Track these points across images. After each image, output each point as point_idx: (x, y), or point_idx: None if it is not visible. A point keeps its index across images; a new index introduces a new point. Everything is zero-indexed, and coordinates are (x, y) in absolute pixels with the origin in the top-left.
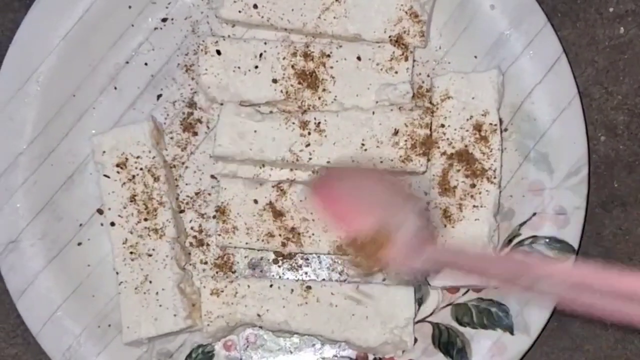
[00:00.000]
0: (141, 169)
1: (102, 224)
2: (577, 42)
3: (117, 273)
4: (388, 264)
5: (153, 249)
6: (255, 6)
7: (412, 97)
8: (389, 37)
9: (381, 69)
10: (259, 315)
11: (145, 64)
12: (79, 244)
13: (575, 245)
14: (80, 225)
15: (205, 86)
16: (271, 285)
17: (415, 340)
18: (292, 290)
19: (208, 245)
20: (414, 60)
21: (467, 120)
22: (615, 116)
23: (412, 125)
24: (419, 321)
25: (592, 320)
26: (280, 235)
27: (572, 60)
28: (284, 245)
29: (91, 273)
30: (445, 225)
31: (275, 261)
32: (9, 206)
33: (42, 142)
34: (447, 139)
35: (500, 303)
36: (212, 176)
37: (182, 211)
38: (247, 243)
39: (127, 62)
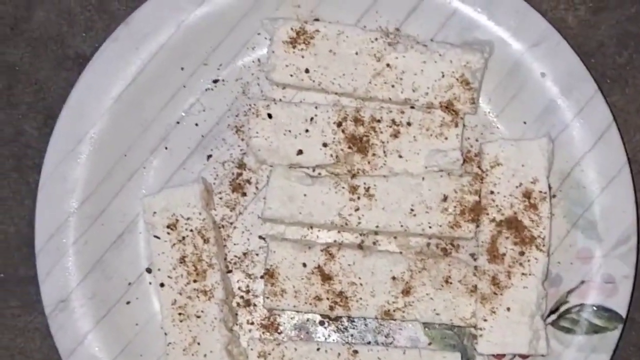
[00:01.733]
0: (191, 230)
1: (150, 283)
2: (626, 108)
3: (165, 334)
4: None
5: (202, 311)
6: (307, 70)
7: (461, 164)
8: (439, 103)
9: (431, 135)
10: None
11: (196, 124)
12: (128, 302)
13: (624, 314)
14: (129, 284)
15: (256, 148)
16: (318, 349)
17: None
18: (339, 354)
19: (255, 305)
20: (463, 126)
21: (517, 187)
22: None
23: (462, 191)
24: None
25: None
26: (328, 299)
27: (621, 125)
28: (331, 308)
29: (139, 332)
30: (494, 293)
31: (322, 323)
32: (59, 266)
33: (93, 202)
34: (496, 205)
35: None
36: (260, 237)
37: (229, 271)
38: (294, 306)
39: (178, 123)
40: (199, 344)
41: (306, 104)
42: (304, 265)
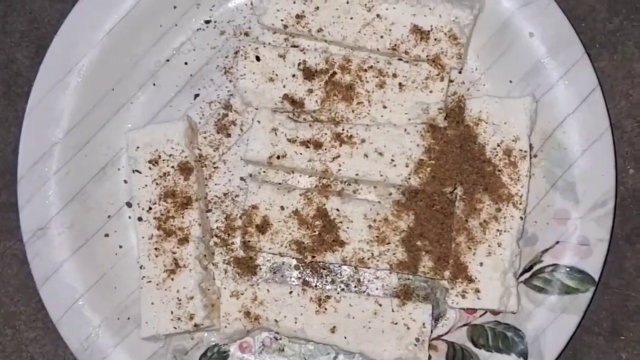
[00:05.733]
0: (173, 167)
1: (129, 217)
2: (613, 75)
3: (140, 268)
4: None
5: (178, 247)
6: (297, 16)
7: (444, 117)
8: (427, 56)
9: (416, 87)
10: (276, 320)
11: (185, 63)
12: (106, 235)
13: (596, 277)
14: (109, 216)
15: (242, 90)
16: (290, 292)
17: (430, 357)
18: (311, 298)
19: (232, 245)
20: (449, 81)
21: (498, 145)
22: None
23: (443, 145)
24: (434, 339)
25: None
26: (303, 243)
27: (607, 92)
28: (306, 252)
29: (115, 265)
30: (469, 248)
31: (297, 267)
32: (40, 193)
33: (78, 133)
34: (477, 161)
35: (517, 328)
36: (242, 178)
37: (209, 210)
38: (270, 248)
39: (168, 60)
40: (172, 279)
41: (295, 49)
42: (282, 208)
